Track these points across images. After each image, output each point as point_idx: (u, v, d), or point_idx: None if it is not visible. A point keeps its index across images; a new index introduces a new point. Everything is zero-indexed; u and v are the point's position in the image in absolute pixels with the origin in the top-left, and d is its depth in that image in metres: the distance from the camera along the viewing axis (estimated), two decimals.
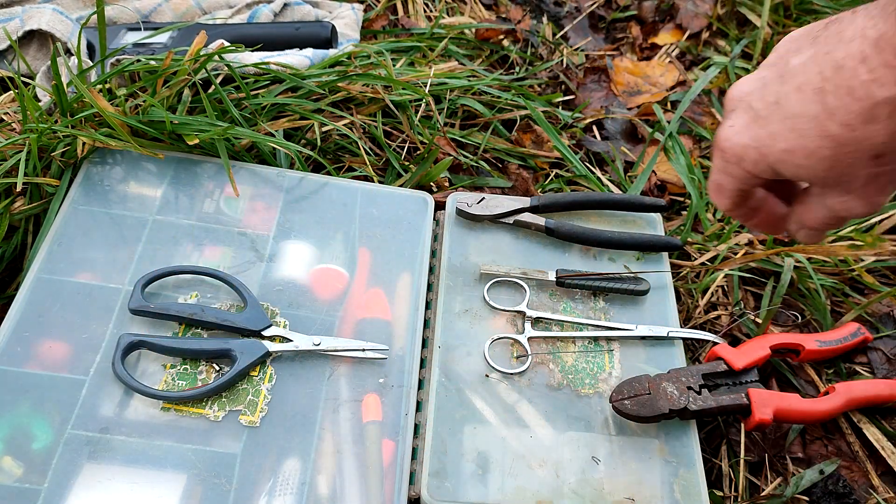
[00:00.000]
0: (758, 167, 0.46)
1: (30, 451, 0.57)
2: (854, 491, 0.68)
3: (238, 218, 0.73)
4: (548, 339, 0.70)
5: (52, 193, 0.72)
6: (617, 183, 0.92)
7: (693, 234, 0.85)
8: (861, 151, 0.41)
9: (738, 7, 1.19)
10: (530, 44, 1.09)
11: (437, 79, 0.90)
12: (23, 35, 0.84)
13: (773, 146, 0.44)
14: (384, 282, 0.72)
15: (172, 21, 0.96)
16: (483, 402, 0.65)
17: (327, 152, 0.84)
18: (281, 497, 0.58)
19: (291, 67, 0.83)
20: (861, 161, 0.42)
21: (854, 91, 0.39)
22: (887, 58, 0.38)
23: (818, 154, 0.42)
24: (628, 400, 0.64)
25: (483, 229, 0.77)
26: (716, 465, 0.70)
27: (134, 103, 0.75)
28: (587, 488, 0.61)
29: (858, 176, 0.43)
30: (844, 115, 0.40)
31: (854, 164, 0.42)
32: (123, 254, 0.69)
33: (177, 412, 0.61)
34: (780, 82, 0.44)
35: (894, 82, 0.38)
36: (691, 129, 1.02)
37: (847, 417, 0.73)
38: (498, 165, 0.92)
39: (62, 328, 0.63)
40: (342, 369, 0.65)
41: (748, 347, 0.69)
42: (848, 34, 0.40)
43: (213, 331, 0.66)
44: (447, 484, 0.60)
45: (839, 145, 0.41)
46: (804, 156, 0.43)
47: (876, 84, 0.38)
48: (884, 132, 0.40)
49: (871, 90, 0.39)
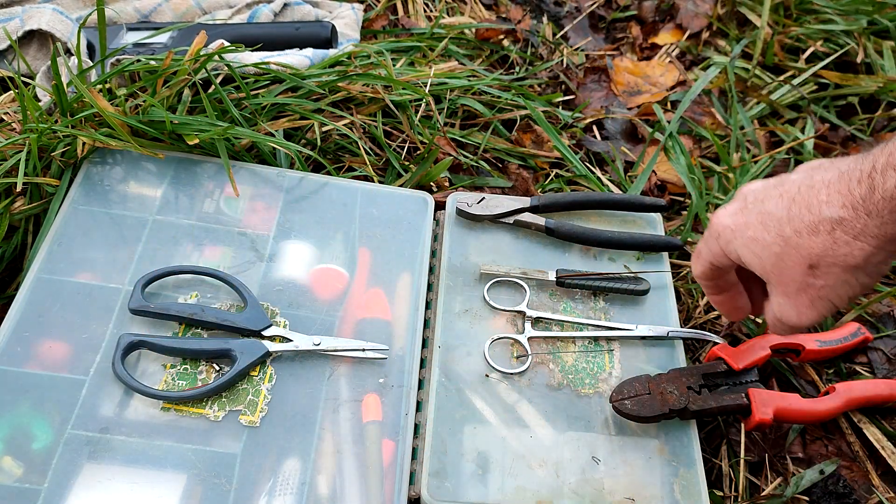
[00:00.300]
0: (728, 247, 0.54)
1: (30, 451, 0.57)
2: (854, 491, 0.68)
3: (238, 218, 0.73)
4: (548, 339, 0.70)
5: (52, 193, 0.72)
6: (617, 183, 0.92)
7: (693, 234, 0.85)
8: (801, 257, 0.50)
9: (738, 7, 1.19)
10: (530, 44, 1.09)
11: (437, 79, 0.90)
12: (23, 35, 0.84)
13: (744, 232, 0.53)
14: (384, 282, 0.72)
15: (172, 21, 0.96)
16: (483, 402, 0.65)
17: (327, 152, 0.84)
18: (281, 497, 0.58)
19: (291, 67, 0.83)
20: (799, 266, 0.50)
21: (811, 207, 0.49)
22: (841, 187, 0.47)
23: (770, 249, 0.51)
24: (628, 400, 0.64)
25: (483, 229, 0.77)
26: (716, 465, 0.70)
27: (134, 103, 0.75)
28: (587, 488, 0.61)
29: (795, 280, 0.51)
30: (798, 223, 0.49)
31: (794, 267, 0.50)
32: (123, 254, 0.69)
33: (177, 412, 0.61)
34: (774, 188, 0.53)
35: (839, 206, 0.47)
36: (691, 129, 1.02)
37: (847, 417, 0.73)
38: (498, 165, 0.92)
39: (62, 328, 0.63)
40: (342, 369, 0.65)
41: (748, 347, 0.69)
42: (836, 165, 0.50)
43: (213, 331, 0.66)
44: (447, 484, 0.60)
45: (787, 246, 0.50)
46: (761, 247, 0.52)
47: (826, 205, 0.48)
48: (821, 245, 0.49)
49: (822, 209, 0.48)
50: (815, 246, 0.49)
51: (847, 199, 0.47)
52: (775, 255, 0.51)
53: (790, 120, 1.06)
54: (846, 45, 1.11)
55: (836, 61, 1.10)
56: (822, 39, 1.12)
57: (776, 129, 1.03)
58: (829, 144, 1.02)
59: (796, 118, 1.05)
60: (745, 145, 1.00)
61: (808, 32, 1.13)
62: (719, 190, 0.93)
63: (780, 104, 1.06)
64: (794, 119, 1.06)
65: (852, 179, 0.47)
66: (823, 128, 1.03)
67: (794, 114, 1.06)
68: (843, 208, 0.47)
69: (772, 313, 0.55)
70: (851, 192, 0.47)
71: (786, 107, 1.06)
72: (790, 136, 1.01)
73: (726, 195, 0.91)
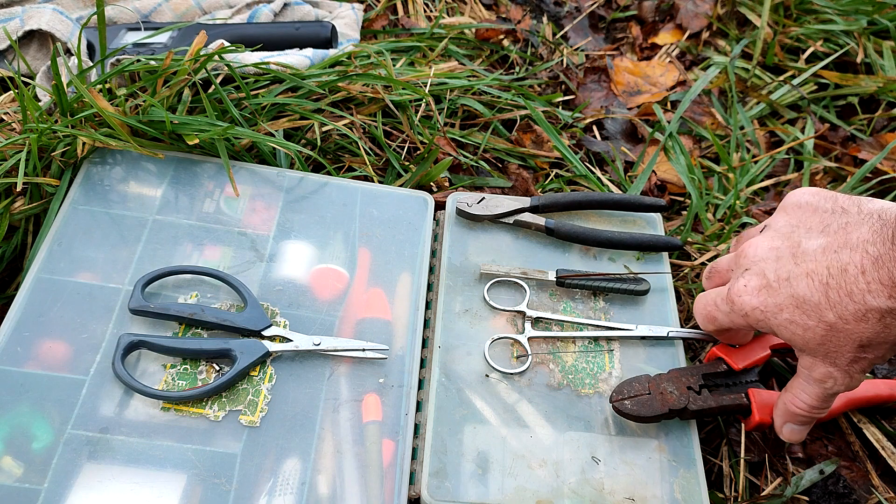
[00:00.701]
0: (758, 325, 0.55)
1: (30, 451, 0.57)
2: (854, 491, 0.68)
3: (238, 218, 0.73)
4: (548, 339, 0.70)
5: (52, 193, 0.72)
6: (617, 183, 0.92)
7: (693, 234, 0.85)
8: (850, 340, 0.50)
9: (738, 7, 1.19)
10: (530, 44, 1.09)
11: (437, 79, 0.90)
12: (23, 35, 0.84)
13: (778, 315, 0.53)
14: (384, 282, 0.72)
15: (172, 21, 0.96)
16: (483, 402, 0.65)
17: (327, 152, 0.84)
18: (281, 497, 0.58)
19: (291, 67, 0.83)
20: (849, 346, 0.51)
21: (853, 295, 0.49)
22: (882, 276, 0.47)
23: (814, 331, 0.51)
24: (628, 400, 0.64)
25: (483, 229, 0.77)
26: (716, 465, 0.70)
27: (134, 103, 0.75)
28: (587, 488, 0.61)
29: (845, 357, 0.52)
30: (842, 311, 0.49)
31: (842, 346, 0.51)
32: (123, 254, 0.69)
33: (177, 412, 0.61)
34: (792, 262, 0.53)
35: (887, 297, 0.47)
36: (691, 129, 1.02)
37: (847, 417, 0.73)
38: (498, 165, 0.92)
39: (62, 328, 0.63)
40: (342, 369, 0.65)
41: (748, 347, 0.69)
42: (853, 239, 0.50)
43: (213, 331, 0.66)
44: (447, 484, 0.60)
45: (833, 331, 0.50)
46: (802, 329, 0.52)
47: (871, 295, 0.48)
48: (871, 331, 0.49)
49: (866, 298, 0.48)
50: (865, 331, 0.49)
51: (891, 289, 0.47)
52: (820, 336, 0.51)
53: (790, 120, 1.06)
54: (846, 45, 1.11)
55: (836, 61, 1.10)
56: (822, 39, 1.13)
57: (776, 129, 1.03)
58: (829, 144, 1.02)
59: (796, 118, 1.06)
60: (745, 145, 1.00)
61: (808, 32, 1.13)
62: (719, 190, 0.93)
63: (780, 104, 1.06)
64: (794, 119, 1.06)
65: (892, 267, 0.47)
66: (823, 128, 1.03)
67: (794, 114, 1.06)
68: (891, 299, 0.47)
69: (814, 387, 0.56)
70: (893, 280, 0.47)
71: (786, 107, 1.06)
72: (790, 137, 1.01)
73: (726, 195, 0.91)
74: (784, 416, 0.60)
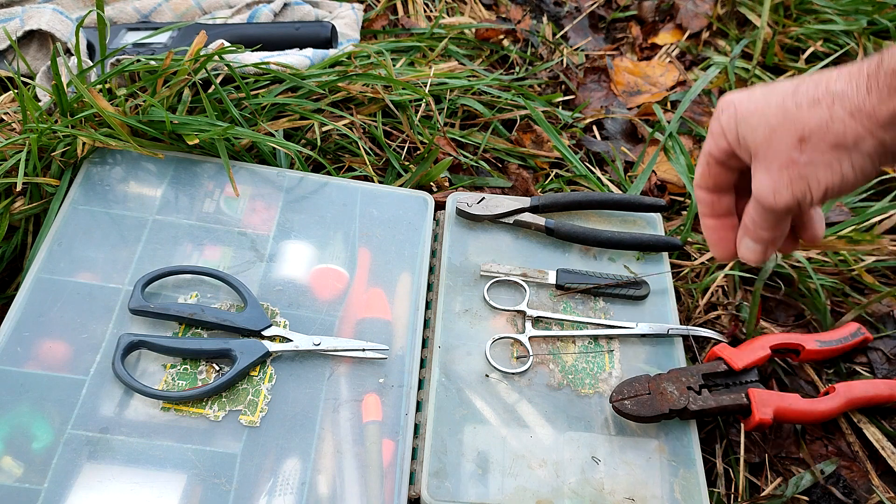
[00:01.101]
0: (728, 122, 0.54)
1: (30, 451, 0.57)
2: (854, 491, 0.68)
3: (238, 218, 0.73)
4: (548, 339, 0.70)
5: (52, 193, 0.72)
6: (617, 183, 0.92)
7: (693, 234, 0.85)
8: (794, 129, 0.49)
9: (738, 7, 1.19)
10: (530, 44, 1.09)
11: (437, 79, 0.90)
12: (23, 35, 0.84)
13: (746, 105, 0.52)
14: (384, 282, 0.72)
15: (172, 21, 0.96)
16: (483, 402, 0.65)
17: (327, 152, 0.84)
18: (281, 497, 0.58)
19: (291, 67, 0.83)
20: (790, 138, 0.50)
21: (819, 83, 0.49)
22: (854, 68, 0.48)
23: (768, 120, 0.51)
24: (628, 400, 0.64)
25: (483, 229, 0.77)
26: (715, 465, 0.70)
27: (134, 103, 0.75)
28: (587, 488, 0.61)
29: (781, 154, 0.50)
30: (802, 96, 0.49)
31: (784, 139, 0.50)
32: (123, 254, 0.69)
33: (177, 412, 0.61)
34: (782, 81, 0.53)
35: (845, 81, 0.47)
36: (691, 129, 1.02)
37: (847, 417, 0.73)
38: (498, 165, 0.92)
39: (62, 328, 0.63)
40: (342, 369, 0.65)
41: (748, 347, 0.69)
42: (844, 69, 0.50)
43: (213, 331, 0.66)
44: (447, 484, 0.60)
45: (785, 118, 0.50)
46: (759, 118, 0.51)
47: (834, 81, 0.48)
48: (817, 119, 0.48)
49: (829, 83, 0.48)
50: (811, 119, 0.49)
51: (854, 74, 0.47)
52: (770, 127, 0.51)
53: None
54: (846, 45, 1.11)
55: (836, 61, 1.10)
56: (822, 39, 1.12)
57: None
58: None
59: None
60: None
61: (808, 32, 1.13)
62: None
63: None
64: None
65: (868, 61, 0.47)
66: None
67: None
68: (848, 83, 0.47)
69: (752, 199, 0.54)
70: (860, 70, 0.47)
71: None
72: None
73: None
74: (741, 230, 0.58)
